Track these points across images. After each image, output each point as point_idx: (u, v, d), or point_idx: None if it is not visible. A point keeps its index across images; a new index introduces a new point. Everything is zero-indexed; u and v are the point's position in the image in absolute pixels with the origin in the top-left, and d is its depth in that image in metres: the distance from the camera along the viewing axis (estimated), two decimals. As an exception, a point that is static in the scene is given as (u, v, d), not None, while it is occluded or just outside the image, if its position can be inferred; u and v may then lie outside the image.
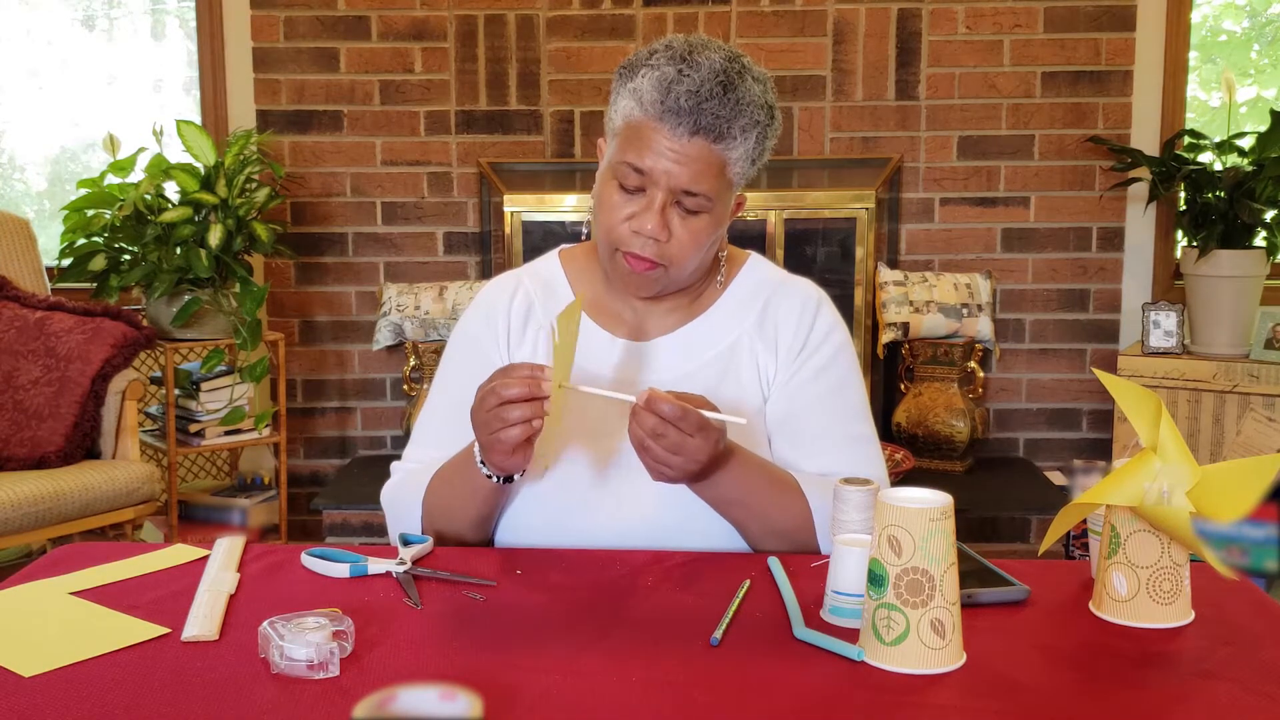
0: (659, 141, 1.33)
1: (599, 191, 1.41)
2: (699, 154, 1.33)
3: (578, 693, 1.00)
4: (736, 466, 1.34)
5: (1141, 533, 1.15)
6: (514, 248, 3.55)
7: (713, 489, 1.34)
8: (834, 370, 1.48)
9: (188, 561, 1.34)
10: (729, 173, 1.36)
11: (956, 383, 3.53)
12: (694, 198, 1.35)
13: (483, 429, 1.26)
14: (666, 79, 1.32)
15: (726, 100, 1.32)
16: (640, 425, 1.23)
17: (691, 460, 1.25)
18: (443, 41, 3.64)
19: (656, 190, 1.35)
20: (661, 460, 1.24)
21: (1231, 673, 1.05)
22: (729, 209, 1.41)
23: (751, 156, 1.38)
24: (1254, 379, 3.19)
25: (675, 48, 1.35)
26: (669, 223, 1.36)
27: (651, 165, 1.34)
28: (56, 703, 0.99)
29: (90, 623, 1.16)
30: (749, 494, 1.36)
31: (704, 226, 1.37)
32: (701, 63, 1.33)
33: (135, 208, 3.26)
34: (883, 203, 3.63)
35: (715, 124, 1.32)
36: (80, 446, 2.99)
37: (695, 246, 1.38)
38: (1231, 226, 3.29)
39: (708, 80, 1.32)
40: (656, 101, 1.33)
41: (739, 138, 1.34)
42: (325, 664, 1.02)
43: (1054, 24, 3.57)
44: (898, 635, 1.04)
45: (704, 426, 1.23)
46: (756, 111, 1.35)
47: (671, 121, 1.32)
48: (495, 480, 1.34)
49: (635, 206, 1.36)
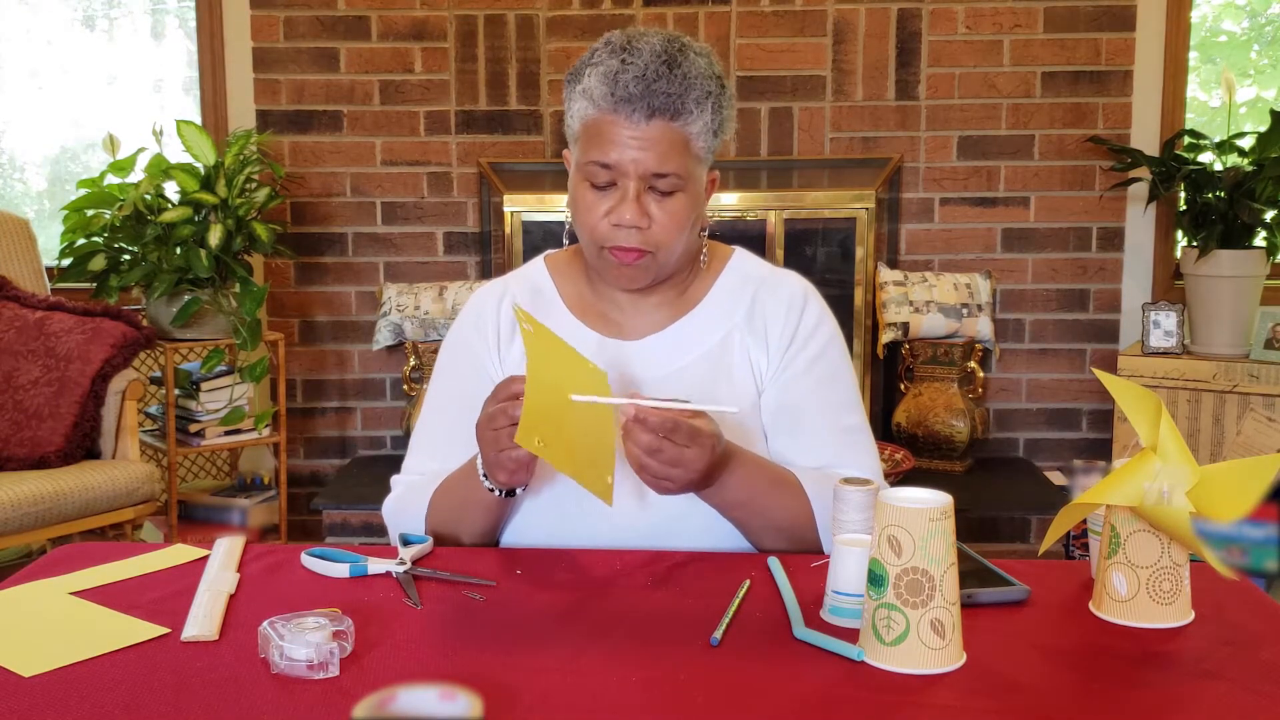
0: (619, 133, 1.35)
1: (573, 197, 1.42)
2: (660, 135, 1.34)
3: (578, 693, 1.00)
4: (738, 469, 1.34)
5: (1141, 533, 1.15)
6: (514, 248, 3.55)
7: (717, 494, 1.34)
8: (824, 361, 1.48)
9: (188, 561, 1.34)
10: (694, 148, 1.37)
11: (956, 383, 3.53)
12: (665, 178, 1.36)
13: (489, 446, 1.26)
14: (612, 71, 1.34)
15: (674, 77, 1.34)
16: (636, 443, 1.23)
17: (690, 470, 1.24)
18: (443, 41, 3.64)
19: (627, 180, 1.36)
20: (661, 475, 1.24)
21: (1231, 673, 1.05)
22: (702, 186, 1.43)
23: (712, 128, 1.39)
24: (1254, 379, 3.19)
25: (614, 42, 1.38)
26: (646, 209, 1.37)
27: (617, 157, 1.35)
28: (56, 703, 0.99)
29: (90, 623, 1.16)
30: (752, 495, 1.36)
31: (681, 205, 1.38)
32: (642, 48, 1.35)
33: (135, 208, 3.26)
34: (883, 203, 3.62)
35: (669, 102, 1.33)
36: (80, 446, 2.99)
37: (677, 227, 1.39)
38: (1231, 226, 3.29)
39: (652, 62, 1.33)
40: (607, 94, 1.34)
41: (695, 111, 1.35)
42: (325, 664, 1.02)
43: (1054, 24, 3.57)
44: (898, 635, 1.04)
45: (696, 436, 1.23)
46: (706, 83, 1.37)
47: (626, 110, 1.34)
48: (498, 494, 1.34)
49: (611, 201, 1.38)
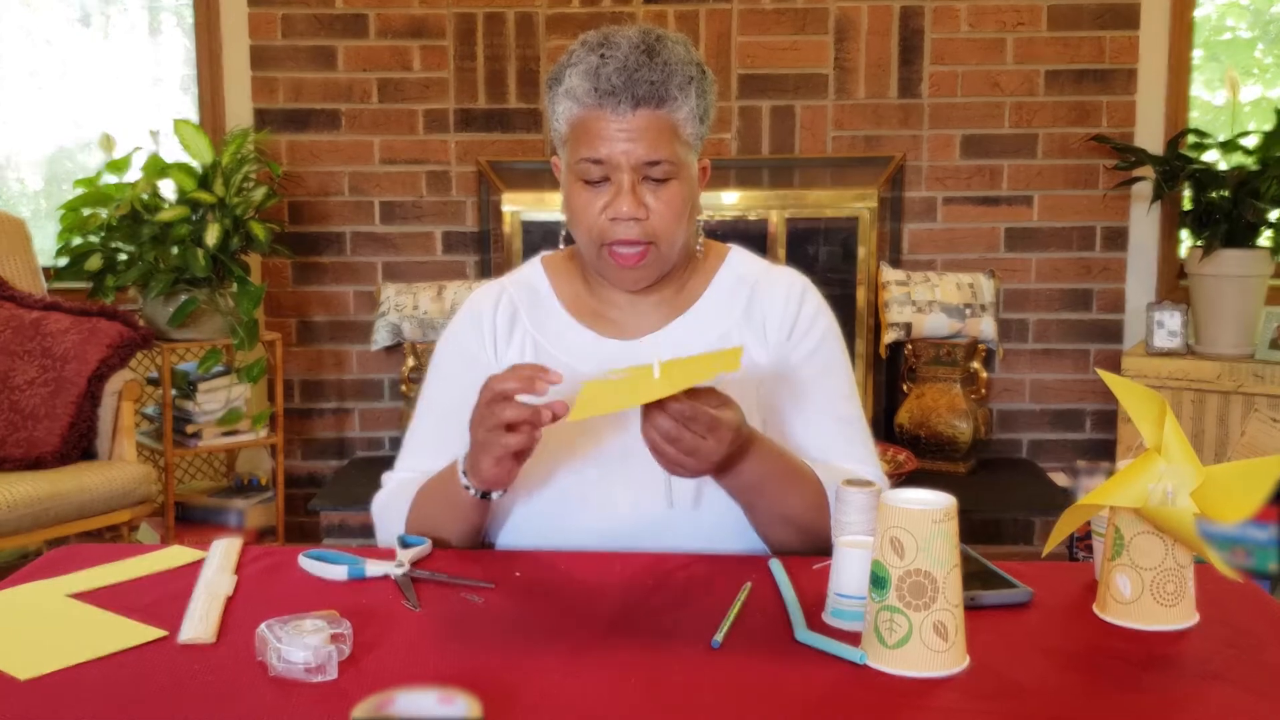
0: (606, 127, 1.35)
1: (568, 199, 1.43)
2: (647, 124, 1.35)
3: (577, 695, 1.00)
4: (756, 454, 1.33)
5: (1145, 534, 1.14)
6: (513, 247, 3.55)
7: (733, 478, 1.34)
8: (823, 353, 1.49)
9: (185, 563, 1.33)
10: (683, 134, 1.39)
11: (959, 383, 3.52)
12: (657, 165, 1.37)
13: (479, 425, 1.26)
14: (592, 67, 1.35)
15: (655, 65, 1.35)
16: (655, 428, 1.22)
17: (705, 461, 1.24)
18: (441, 39, 3.64)
19: (620, 174, 1.37)
20: (677, 461, 1.24)
21: (1236, 675, 1.04)
22: (695, 174, 1.44)
23: (698, 114, 1.40)
24: (1259, 379, 3.19)
25: (590, 40, 1.39)
26: (643, 200, 1.38)
27: (608, 152, 1.36)
28: (52, 705, 0.98)
29: (87, 625, 1.16)
30: (766, 481, 1.35)
31: (676, 193, 1.39)
32: (619, 41, 1.36)
33: (132, 207, 3.25)
34: (885, 202, 3.62)
35: (653, 90, 1.34)
36: (76, 447, 2.98)
37: (674, 214, 1.39)
38: (1236, 226, 3.29)
39: (630, 54, 1.35)
40: (590, 90, 1.35)
41: (679, 97, 1.37)
42: (323, 667, 1.02)
43: (1057, 22, 3.57)
44: (900, 638, 1.03)
45: (715, 428, 1.23)
46: (687, 68, 1.38)
47: (611, 103, 1.35)
48: (475, 495, 1.33)
49: (606, 197, 1.38)
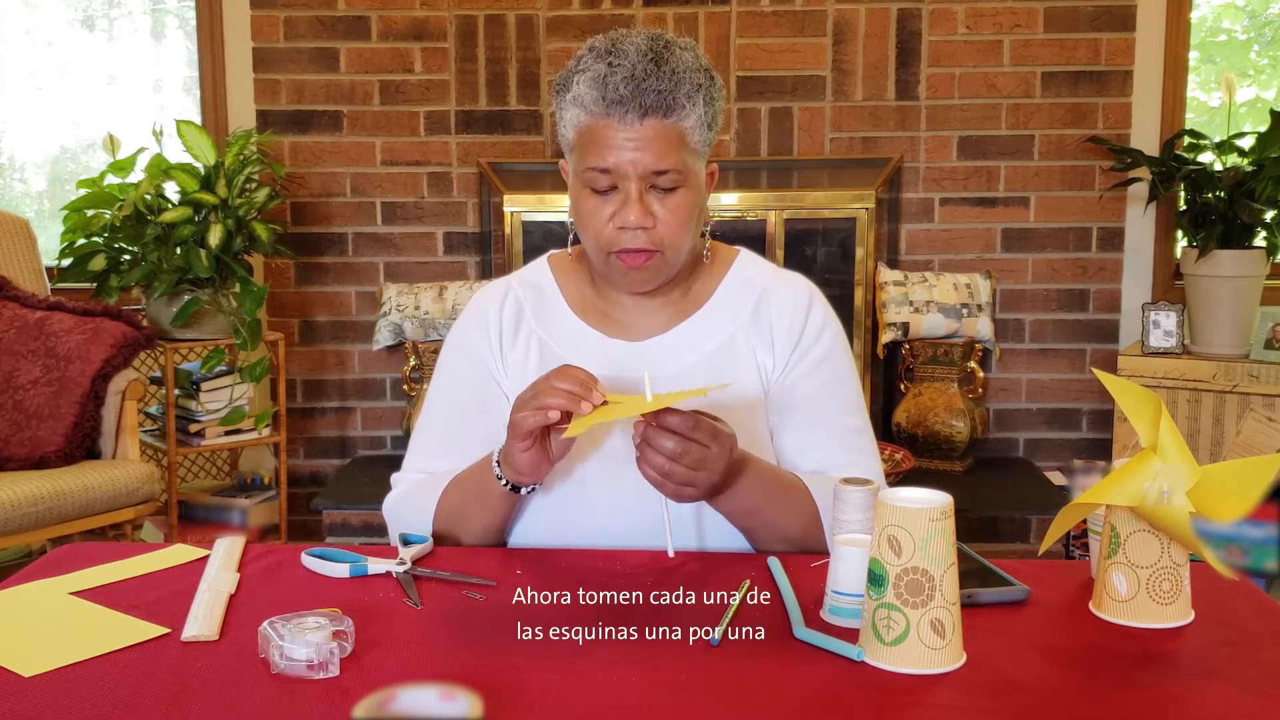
0: (614, 136, 1.34)
1: (575, 205, 1.42)
2: (655, 133, 1.34)
3: (578, 693, 1.00)
4: (751, 475, 1.34)
5: (1141, 533, 1.15)
6: (514, 248, 3.55)
7: (728, 501, 1.34)
8: (830, 364, 1.48)
9: (188, 561, 1.34)
10: (690, 142, 1.37)
11: (956, 383, 3.53)
12: (665, 175, 1.36)
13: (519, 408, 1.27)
14: (600, 75, 1.34)
15: (663, 74, 1.33)
16: (659, 450, 1.22)
17: (714, 472, 1.24)
18: (443, 41, 3.64)
19: (628, 182, 1.36)
20: (685, 481, 1.23)
21: (1231, 673, 1.05)
22: (702, 180, 1.42)
23: (706, 121, 1.38)
24: (1254, 379, 3.19)
25: (598, 47, 1.37)
26: (650, 208, 1.37)
27: (615, 161, 1.35)
28: (56, 703, 0.99)
29: (90, 623, 1.16)
30: (762, 503, 1.36)
31: (684, 200, 1.38)
32: (627, 49, 1.35)
33: (135, 208, 3.26)
34: (882, 203, 3.62)
35: (660, 100, 1.33)
36: (80, 446, 2.99)
37: (681, 223, 1.38)
38: (1231, 226, 3.29)
39: (639, 62, 1.33)
40: (598, 99, 1.34)
41: (687, 105, 1.35)
42: (325, 664, 1.02)
43: (1054, 24, 3.57)
44: (898, 635, 1.04)
45: (718, 435, 1.23)
46: (695, 75, 1.36)
47: (619, 112, 1.33)
48: (506, 487, 1.34)
49: (614, 205, 1.37)
